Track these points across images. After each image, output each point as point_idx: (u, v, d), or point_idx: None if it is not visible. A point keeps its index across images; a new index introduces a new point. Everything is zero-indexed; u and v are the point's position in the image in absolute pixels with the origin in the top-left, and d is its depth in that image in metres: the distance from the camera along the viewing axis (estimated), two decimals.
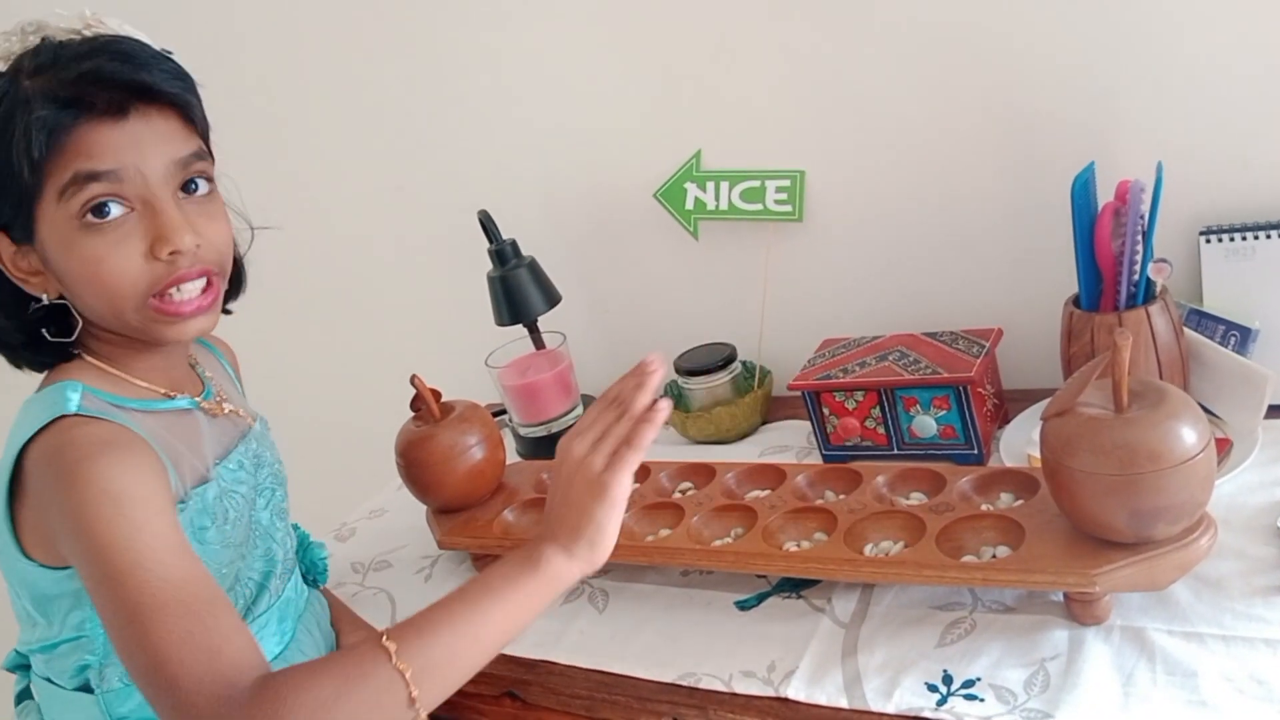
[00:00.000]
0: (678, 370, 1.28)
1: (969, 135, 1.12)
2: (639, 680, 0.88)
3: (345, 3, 1.46)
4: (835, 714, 0.78)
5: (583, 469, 0.73)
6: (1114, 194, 0.96)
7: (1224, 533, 0.78)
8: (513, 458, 1.28)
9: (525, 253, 1.34)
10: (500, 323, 1.34)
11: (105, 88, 0.73)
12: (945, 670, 0.79)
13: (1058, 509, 0.79)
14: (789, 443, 1.21)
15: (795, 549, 0.90)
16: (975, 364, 1.02)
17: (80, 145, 0.73)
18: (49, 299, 0.78)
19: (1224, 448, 0.92)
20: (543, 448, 1.34)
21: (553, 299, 1.34)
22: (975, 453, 1.04)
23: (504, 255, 1.32)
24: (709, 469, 1.05)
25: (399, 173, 1.55)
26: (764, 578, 0.95)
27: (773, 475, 1.01)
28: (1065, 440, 0.74)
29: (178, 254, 0.76)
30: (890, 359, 1.09)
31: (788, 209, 1.23)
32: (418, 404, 1.10)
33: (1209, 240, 1.00)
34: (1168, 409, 0.72)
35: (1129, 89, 1.03)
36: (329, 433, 1.77)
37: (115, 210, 0.74)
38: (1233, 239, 0.99)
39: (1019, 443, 1.01)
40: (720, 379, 1.25)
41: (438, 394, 1.10)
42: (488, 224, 1.32)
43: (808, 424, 1.14)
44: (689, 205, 1.30)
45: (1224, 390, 0.96)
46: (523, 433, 1.36)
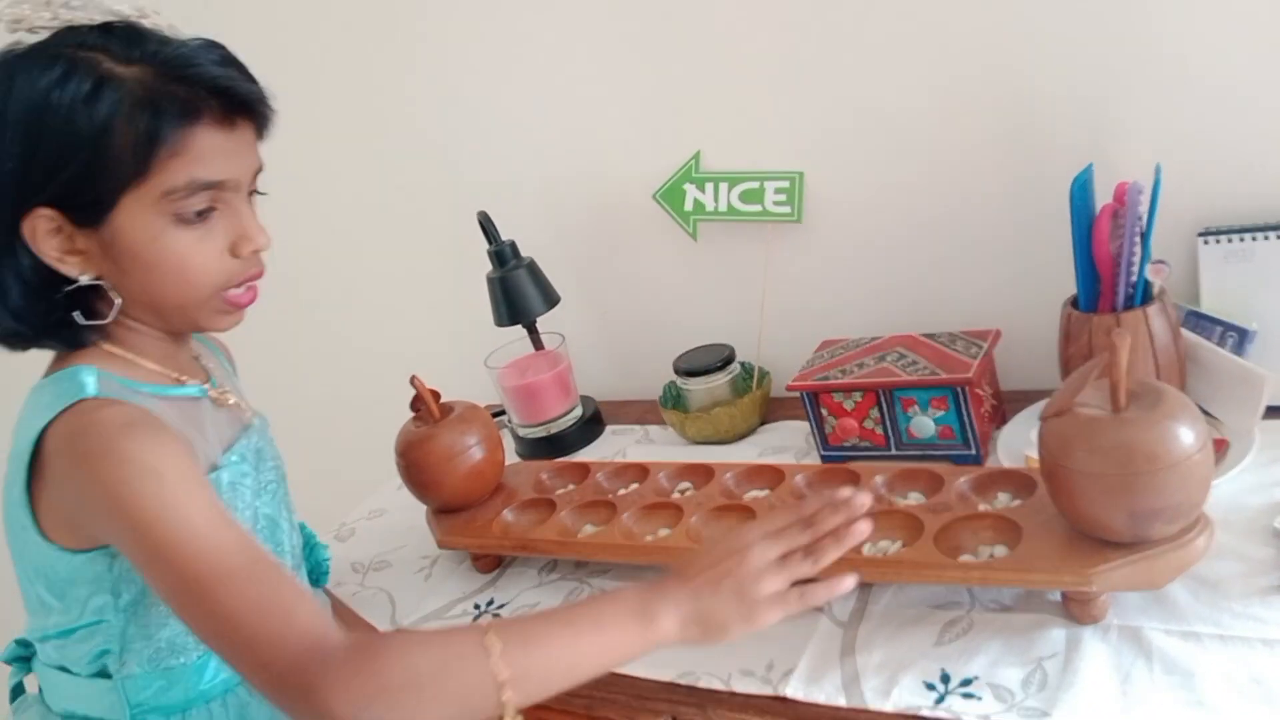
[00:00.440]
0: (676, 371, 1.28)
1: (967, 137, 1.12)
2: (638, 679, 0.88)
3: (345, 4, 1.47)
4: (834, 713, 0.79)
5: (751, 578, 0.72)
6: (1112, 195, 0.96)
7: (1221, 533, 0.78)
8: (512, 458, 1.28)
9: (524, 254, 1.34)
10: (499, 323, 1.34)
11: (225, 98, 0.75)
12: (943, 669, 0.79)
13: (1055, 509, 0.79)
14: (788, 443, 1.21)
15: None
16: (973, 365, 1.02)
17: (196, 150, 0.74)
18: (88, 279, 0.77)
19: (1221, 448, 0.92)
20: (542, 448, 1.34)
21: (552, 300, 1.34)
22: (973, 453, 1.04)
23: (503, 256, 1.32)
24: (708, 469, 1.05)
25: (399, 173, 1.55)
26: None
27: (771, 475, 1.02)
28: (1063, 440, 0.74)
29: (257, 253, 0.81)
30: (889, 360, 1.09)
31: (786, 210, 1.23)
32: (417, 404, 1.10)
33: (1207, 242, 1.00)
34: (1165, 409, 0.72)
35: (1127, 91, 1.03)
36: (329, 433, 1.77)
37: (210, 209, 0.77)
38: (1230, 240, 0.99)
39: (1017, 443, 1.01)
40: (719, 380, 1.26)
41: (437, 394, 1.11)
42: (487, 225, 1.32)
43: (806, 424, 1.14)
44: (688, 206, 1.30)
45: (1221, 391, 0.96)
46: (522, 433, 1.36)
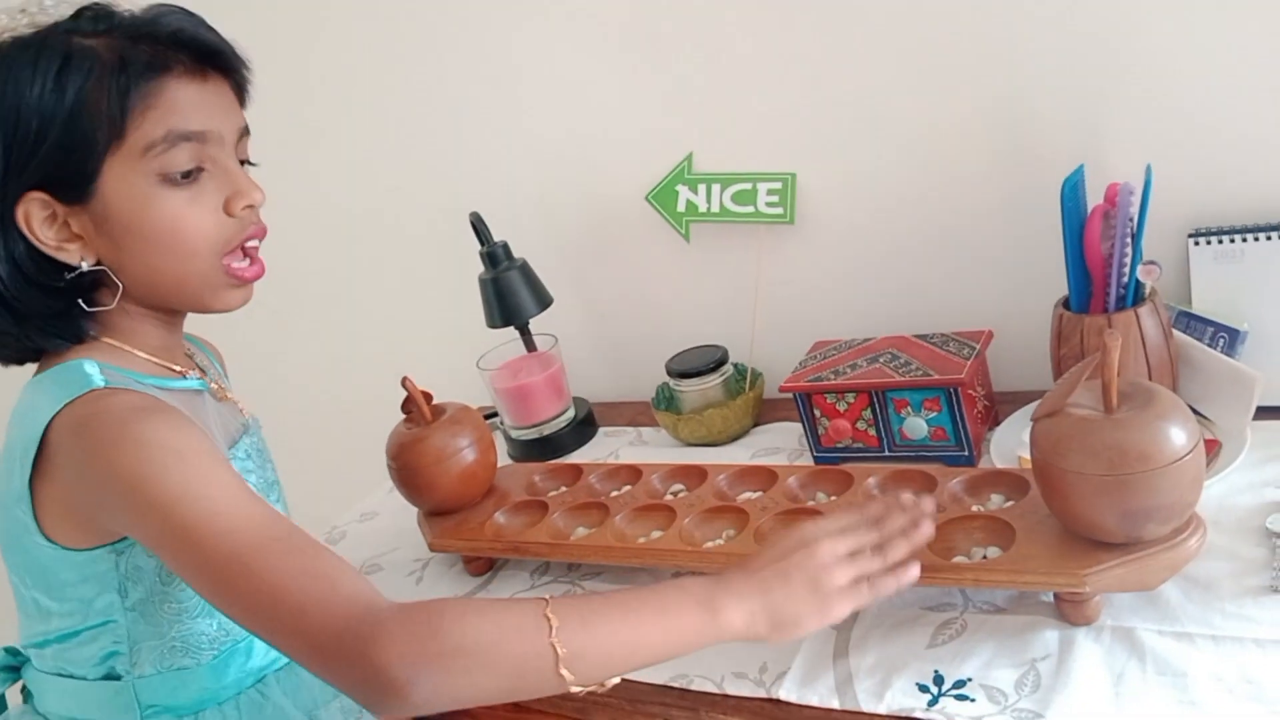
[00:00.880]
0: (669, 372, 1.28)
1: (959, 138, 1.12)
2: (631, 682, 0.87)
3: (338, 5, 1.46)
4: (827, 715, 0.78)
5: (819, 572, 0.72)
6: (1103, 196, 0.96)
7: (1213, 533, 0.78)
8: (504, 460, 1.28)
9: (517, 255, 1.34)
10: (492, 325, 1.34)
11: (188, 49, 0.75)
12: (936, 671, 0.79)
13: (1048, 510, 0.79)
14: (780, 445, 1.21)
15: None
16: (966, 366, 1.02)
17: (171, 103, 0.74)
18: (88, 265, 0.76)
19: (1213, 449, 0.92)
20: (534, 450, 1.33)
21: (544, 301, 1.34)
22: (966, 454, 1.04)
23: (495, 257, 1.32)
24: (701, 471, 1.05)
25: (391, 175, 1.54)
26: None
27: (764, 477, 1.01)
28: (1055, 441, 0.74)
29: (251, 209, 0.79)
30: (881, 361, 1.09)
31: (779, 211, 1.23)
32: (409, 406, 1.10)
33: (1198, 242, 1.00)
34: (1157, 410, 0.72)
35: (1118, 92, 1.03)
36: (320, 434, 1.76)
37: (198, 170, 0.76)
38: (1221, 241, 0.99)
39: (1009, 444, 1.01)
40: (712, 381, 1.25)
41: (429, 396, 1.10)
42: (479, 226, 1.32)
43: (799, 426, 1.14)
44: (681, 207, 1.30)
45: (1213, 391, 0.96)
46: (514, 435, 1.36)
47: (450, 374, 1.31)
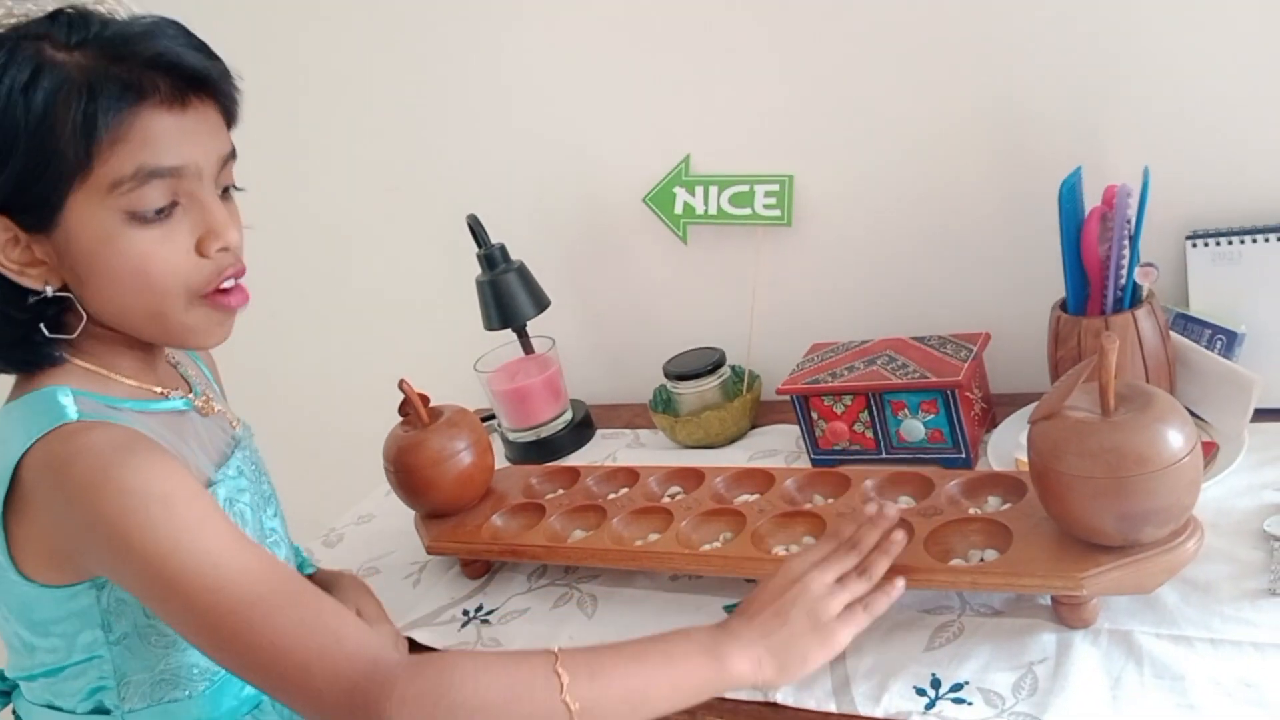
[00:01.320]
0: (666, 375, 1.28)
1: (957, 140, 1.12)
2: None
3: (336, 5, 1.46)
4: (824, 719, 0.78)
5: (814, 605, 0.74)
6: (1101, 199, 0.96)
7: (1211, 536, 0.78)
8: (501, 463, 1.28)
9: (514, 257, 1.33)
10: (489, 327, 1.34)
11: (170, 75, 0.69)
12: (934, 674, 0.79)
13: (1045, 512, 0.79)
14: (778, 447, 1.21)
15: (784, 553, 0.90)
16: (963, 368, 1.02)
17: (142, 134, 0.68)
18: (51, 291, 0.72)
19: (1210, 451, 0.92)
20: (531, 452, 1.33)
21: (541, 303, 1.33)
22: (963, 456, 1.04)
23: (493, 260, 1.32)
24: (698, 473, 1.05)
25: (388, 176, 1.54)
26: (753, 581, 0.95)
27: (762, 479, 1.01)
28: (1053, 444, 0.74)
29: (226, 250, 0.74)
30: (878, 363, 1.09)
31: (776, 213, 1.23)
32: (406, 409, 1.10)
33: (1195, 244, 1.00)
34: (1154, 412, 0.72)
35: (1116, 94, 1.03)
36: (316, 437, 1.76)
37: (172, 205, 0.71)
38: (1219, 243, 0.99)
39: (1007, 446, 1.01)
40: (709, 383, 1.25)
41: (426, 399, 1.10)
42: (476, 228, 1.31)
43: (796, 428, 1.14)
44: (678, 210, 1.30)
45: (1210, 394, 0.96)
46: (511, 438, 1.36)
47: (447, 376, 1.31)
